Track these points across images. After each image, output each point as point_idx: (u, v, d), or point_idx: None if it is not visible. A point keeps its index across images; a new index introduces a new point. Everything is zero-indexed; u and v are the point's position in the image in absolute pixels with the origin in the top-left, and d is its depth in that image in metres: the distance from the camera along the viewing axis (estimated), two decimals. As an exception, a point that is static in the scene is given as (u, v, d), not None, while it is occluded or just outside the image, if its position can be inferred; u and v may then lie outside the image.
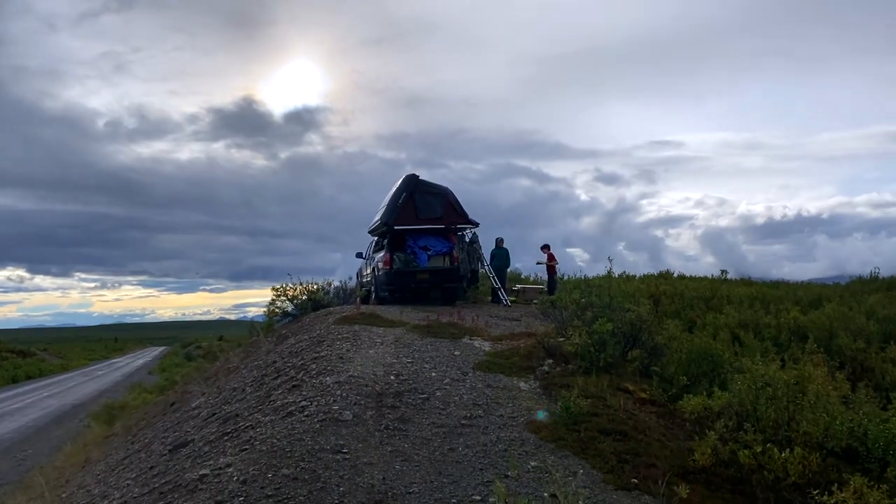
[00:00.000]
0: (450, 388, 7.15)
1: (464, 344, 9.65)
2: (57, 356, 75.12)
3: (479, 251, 17.71)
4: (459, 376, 7.72)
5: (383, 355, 8.33)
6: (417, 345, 9.28)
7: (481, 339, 10.15)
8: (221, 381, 10.78)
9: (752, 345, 9.59)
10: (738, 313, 13.02)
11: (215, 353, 55.33)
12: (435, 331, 10.53)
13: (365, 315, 11.48)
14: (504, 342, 9.90)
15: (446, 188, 16.99)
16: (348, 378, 6.94)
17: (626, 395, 7.58)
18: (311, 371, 7.53)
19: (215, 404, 8.64)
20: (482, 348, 9.42)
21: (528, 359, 8.65)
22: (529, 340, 9.78)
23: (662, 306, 15.07)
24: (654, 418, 6.97)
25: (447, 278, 16.62)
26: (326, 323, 11.31)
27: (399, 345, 9.16)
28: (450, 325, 11.14)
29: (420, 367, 7.94)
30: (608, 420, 6.53)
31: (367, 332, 10.07)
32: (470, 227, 17.40)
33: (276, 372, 8.50)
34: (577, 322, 8.79)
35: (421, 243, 16.63)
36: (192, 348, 76.72)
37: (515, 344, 9.66)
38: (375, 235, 18.39)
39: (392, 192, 16.94)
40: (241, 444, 5.59)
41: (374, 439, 5.39)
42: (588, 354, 8.15)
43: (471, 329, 10.91)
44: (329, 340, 9.30)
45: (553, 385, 7.65)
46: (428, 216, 16.49)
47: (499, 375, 7.98)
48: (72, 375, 50.77)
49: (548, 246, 19.12)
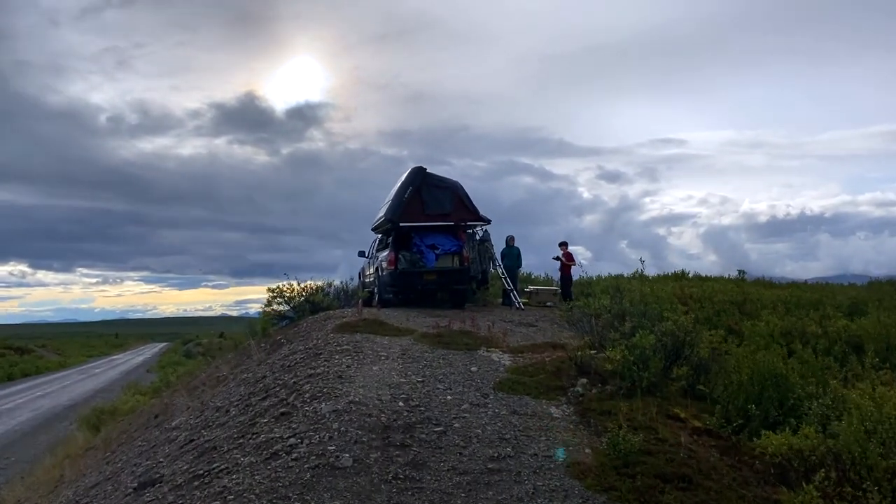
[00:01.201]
0: (469, 416, 5.96)
1: (480, 357, 8.46)
2: (55, 353, 74.25)
3: (490, 250, 16.49)
4: (479, 400, 6.53)
5: (389, 373, 7.14)
6: (428, 359, 8.09)
7: (499, 350, 8.96)
8: (207, 395, 9.61)
9: (809, 360, 8.38)
10: (779, 320, 11.80)
11: (214, 350, 54.48)
12: (446, 341, 9.34)
13: (368, 321, 10.29)
14: (525, 355, 8.71)
15: (456, 182, 15.77)
16: (348, 405, 5.75)
17: (678, 424, 6.39)
18: (304, 393, 6.35)
19: (195, 427, 7.46)
20: (501, 362, 8.23)
21: (557, 376, 7.45)
22: (555, 353, 8.59)
23: (691, 312, 13.85)
24: (716, 456, 5.77)
25: (456, 279, 15.41)
26: (325, 330, 10.13)
27: (407, 359, 7.97)
28: (463, 333, 9.95)
29: (433, 387, 6.75)
30: (666, 460, 5.33)
31: (370, 342, 8.89)
32: (481, 224, 16.18)
33: (264, 391, 7.32)
34: (615, 334, 7.60)
35: (428, 241, 15.41)
36: (192, 345, 75.79)
37: (539, 357, 8.46)
38: (379, 233, 17.17)
39: (397, 187, 15.73)
40: (212, 497, 4.40)
41: (381, 496, 4.20)
42: (629, 373, 6.96)
43: (487, 338, 9.72)
44: (327, 353, 8.11)
45: (591, 411, 6.46)
46: (436, 212, 15.26)
47: (524, 398, 6.79)
48: (69, 373, 49.85)
49: (566, 244, 17.83)
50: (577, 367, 7.37)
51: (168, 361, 52.21)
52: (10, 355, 58.79)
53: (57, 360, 64.12)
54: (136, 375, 43.09)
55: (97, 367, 58.00)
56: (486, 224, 16.18)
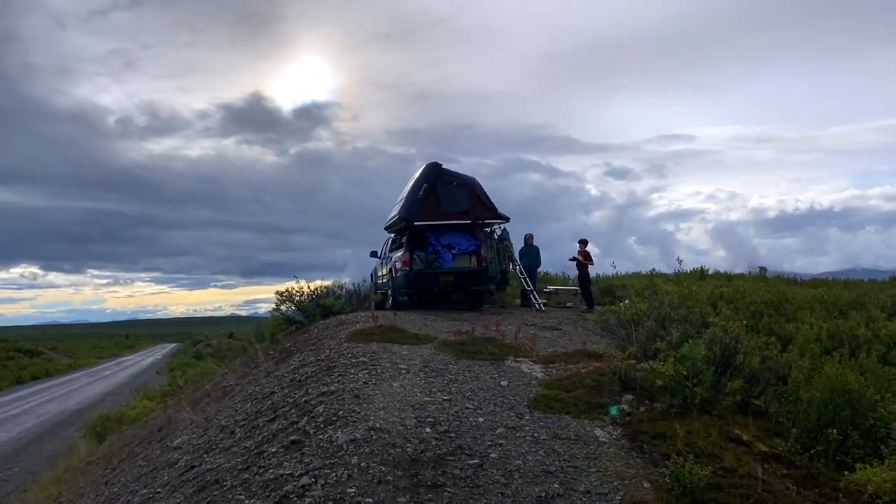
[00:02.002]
0: (506, 442, 5.21)
1: (509, 368, 7.71)
2: (65, 355, 74.21)
3: (509, 249, 15.71)
4: (514, 421, 5.78)
5: (411, 390, 6.39)
6: (452, 371, 7.34)
7: (529, 360, 8.20)
8: (211, 410, 8.92)
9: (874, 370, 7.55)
10: (824, 323, 10.97)
11: (224, 351, 54.21)
12: (470, 349, 8.59)
13: (383, 328, 9.54)
14: (558, 365, 7.94)
15: (472, 178, 15.01)
16: (368, 433, 5.00)
17: (742, 449, 5.62)
18: (316, 416, 5.61)
19: (197, 449, 6.75)
20: (533, 374, 7.47)
21: (598, 391, 6.68)
22: (591, 364, 7.82)
23: (723, 313, 13.02)
24: (793, 488, 5.00)
25: (474, 280, 14.65)
26: (338, 338, 9.40)
27: (430, 371, 7.23)
28: (487, 340, 9.19)
29: (461, 407, 6.00)
30: (740, 497, 4.56)
31: (387, 352, 8.15)
32: (499, 221, 15.42)
33: (272, 410, 6.59)
34: (661, 343, 6.83)
35: (444, 241, 14.67)
36: (202, 346, 75.53)
37: (574, 368, 7.70)
38: (392, 232, 16.44)
39: (411, 184, 14.98)
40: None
41: (414, 557, 3.46)
42: (680, 389, 6.18)
43: (513, 346, 8.96)
44: (341, 366, 7.37)
45: (642, 434, 5.69)
46: (452, 210, 14.51)
47: (564, 417, 6.04)
48: (78, 376, 49.63)
49: (585, 241, 17.00)
50: (620, 381, 6.60)
51: (178, 363, 51.89)
52: (20, 358, 58.69)
53: (67, 363, 64.04)
54: (146, 378, 42.70)
55: (107, 369, 57.84)
56: (504, 222, 15.42)
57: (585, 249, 16.89)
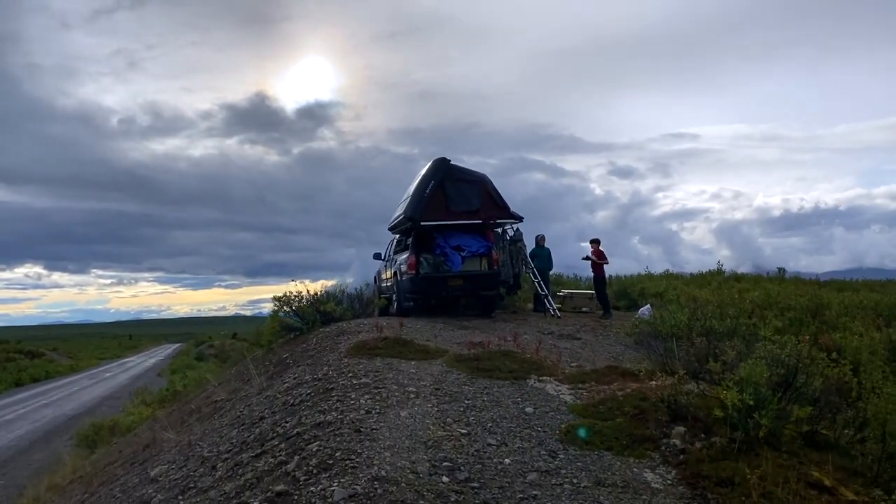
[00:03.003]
0: (541, 493, 4.22)
1: (532, 390, 6.71)
2: (67, 356, 73.74)
3: (523, 251, 14.72)
4: (547, 462, 4.78)
5: (423, 420, 5.41)
6: (469, 394, 6.35)
7: (554, 379, 7.20)
8: (196, 432, 7.95)
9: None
10: (877, 332, 9.95)
11: (227, 352, 53.20)
12: (486, 366, 7.60)
13: (388, 341, 8.55)
14: (589, 385, 6.94)
15: (483, 175, 14.03)
16: (370, 485, 4.01)
17: (826, 498, 4.63)
18: (309, 458, 4.62)
19: (173, 486, 5.78)
20: (561, 397, 6.47)
21: (641, 421, 5.68)
22: (626, 384, 6.82)
23: (772, 324, 11.95)
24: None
25: (485, 284, 13.68)
26: (337, 352, 8.42)
27: (443, 395, 6.24)
28: (504, 354, 8.20)
29: (483, 443, 5.01)
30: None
31: (393, 370, 7.16)
32: (512, 221, 14.43)
33: (259, 442, 5.62)
34: (714, 364, 5.83)
35: (453, 242, 13.69)
36: (205, 347, 74.87)
37: (607, 389, 6.69)
38: (397, 233, 15.47)
39: (418, 181, 14.01)
40: None
41: None
42: (743, 420, 5.19)
43: (534, 361, 7.96)
44: (340, 388, 6.39)
45: (702, 478, 4.69)
46: (462, 209, 13.54)
47: (605, 455, 5.04)
48: (78, 378, 49.02)
49: (598, 241, 15.97)
50: (668, 409, 5.60)
51: (179, 365, 51.17)
52: (20, 359, 58.10)
53: (68, 364, 63.53)
54: (146, 380, 41.96)
55: (108, 370, 57.29)
56: (517, 221, 14.43)
57: (599, 248, 15.86)
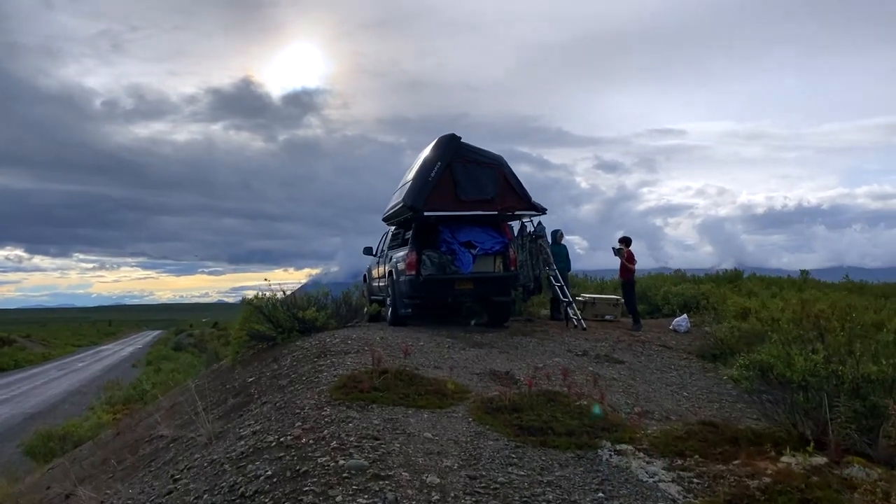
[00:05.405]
0: None
1: (613, 472, 4.38)
2: (40, 343, 70.96)
3: (545, 250, 12.35)
4: None
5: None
6: (521, 486, 4.02)
7: (636, 448, 4.89)
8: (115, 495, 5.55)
9: None
10: None
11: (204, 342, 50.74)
12: (532, 420, 5.25)
13: (386, 378, 6.13)
14: (692, 460, 4.63)
15: (500, 157, 11.64)
16: None
17: None
18: None
19: None
20: (661, 487, 4.16)
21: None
22: (751, 461, 4.52)
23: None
24: None
25: (499, 289, 11.34)
26: (316, 391, 6.03)
27: (483, 492, 3.89)
28: (550, 399, 5.85)
29: None
30: None
31: (399, 435, 4.79)
32: (534, 213, 12.08)
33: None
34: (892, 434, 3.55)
35: (463, 237, 11.31)
36: (184, 336, 72.37)
37: (726, 472, 4.39)
38: (393, 224, 13.05)
39: (420, 162, 11.61)
40: None
41: None
42: None
43: (596, 411, 5.63)
44: (317, 474, 4.01)
45: None
46: (474, 197, 11.14)
47: None
48: (48, 368, 46.46)
49: (629, 240, 13.61)
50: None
51: (156, 355, 48.75)
52: (-10, 347, 55.41)
53: (40, 352, 60.95)
54: (120, 372, 39.61)
55: (81, 360, 54.80)
56: (540, 214, 12.06)
57: (629, 250, 13.51)
